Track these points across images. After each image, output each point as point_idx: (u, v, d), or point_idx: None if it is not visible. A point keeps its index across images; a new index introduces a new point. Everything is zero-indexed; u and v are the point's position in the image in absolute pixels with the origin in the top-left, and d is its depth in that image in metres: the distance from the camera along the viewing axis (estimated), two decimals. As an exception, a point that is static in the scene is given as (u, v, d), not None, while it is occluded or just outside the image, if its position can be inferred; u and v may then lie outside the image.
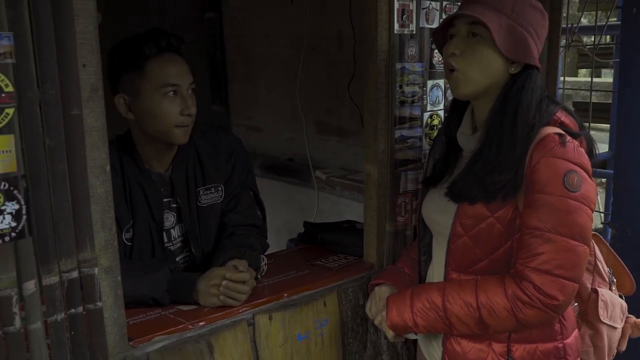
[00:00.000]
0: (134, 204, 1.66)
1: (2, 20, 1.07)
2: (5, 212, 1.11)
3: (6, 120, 1.09)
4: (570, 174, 1.34)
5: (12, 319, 1.14)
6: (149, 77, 1.57)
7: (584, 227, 1.35)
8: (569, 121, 1.45)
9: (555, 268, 1.32)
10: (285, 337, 1.55)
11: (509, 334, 1.45)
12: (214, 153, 1.78)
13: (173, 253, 1.75)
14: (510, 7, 1.38)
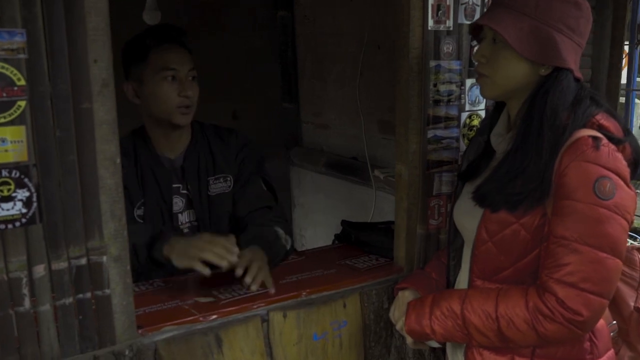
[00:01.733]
0: (145, 183, 1.79)
1: (15, 18, 1.14)
2: (16, 199, 1.18)
3: (18, 112, 1.16)
4: (602, 180, 1.25)
5: (22, 299, 1.22)
6: (151, 64, 1.74)
7: (616, 238, 1.25)
8: (611, 125, 1.35)
9: (580, 281, 1.24)
10: (299, 335, 1.54)
11: (533, 349, 1.37)
12: (224, 148, 1.89)
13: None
14: (533, 7, 1.31)
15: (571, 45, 1.33)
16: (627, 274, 1.52)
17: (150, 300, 1.52)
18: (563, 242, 1.26)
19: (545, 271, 1.28)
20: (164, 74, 1.74)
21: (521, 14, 1.31)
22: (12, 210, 1.18)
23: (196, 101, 1.81)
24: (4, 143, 1.16)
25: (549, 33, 1.30)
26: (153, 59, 1.75)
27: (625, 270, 1.52)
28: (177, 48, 1.79)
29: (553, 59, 1.31)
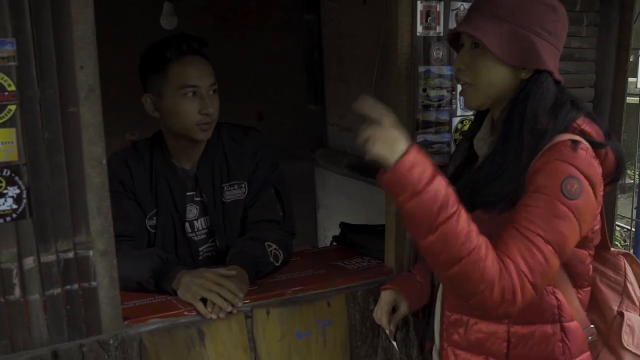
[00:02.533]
0: (158, 194, 1.82)
1: (6, 28, 1.24)
2: (7, 196, 1.29)
3: (8, 116, 1.27)
4: (571, 180, 1.25)
5: (13, 288, 1.32)
6: (170, 79, 1.72)
7: (566, 238, 1.25)
8: (592, 130, 1.36)
9: (526, 269, 1.22)
10: (283, 332, 1.60)
11: (507, 352, 1.39)
12: (239, 152, 1.89)
13: (196, 243, 1.88)
14: (510, 12, 1.33)
15: (550, 48, 1.34)
16: (612, 278, 1.53)
17: (141, 295, 1.61)
18: (521, 228, 1.25)
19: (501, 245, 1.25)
20: (184, 90, 1.72)
21: (499, 19, 1.33)
22: (3, 206, 1.29)
23: (217, 116, 1.80)
24: (-4, 144, 1.27)
25: (528, 37, 1.32)
26: (173, 73, 1.72)
27: (610, 274, 1.53)
28: (198, 60, 1.76)
29: (533, 62, 1.33)
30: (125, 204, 1.80)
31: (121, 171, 1.82)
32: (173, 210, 1.85)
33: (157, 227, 1.84)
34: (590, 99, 2.03)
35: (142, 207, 1.82)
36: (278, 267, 1.80)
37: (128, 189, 1.82)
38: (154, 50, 1.75)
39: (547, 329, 1.39)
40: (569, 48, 1.94)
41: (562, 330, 1.39)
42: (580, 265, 1.41)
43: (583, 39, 1.96)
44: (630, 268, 1.55)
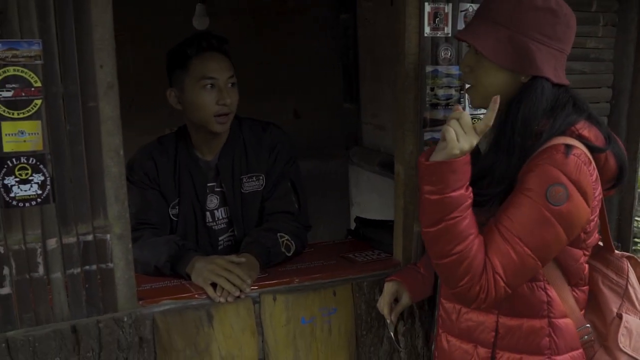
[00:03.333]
0: (181, 184, 1.95)
1: (33, 30, 1.38)
2: (32, 182, 1.43)
3: (35, 109, 1.41)
4: (557, 186, 1.31)
5: (37, 266, 1.46)
6: (191, 72, 1.86)
7: (547, 243, 1.32)
8: (591, 134, 1.40)
9: (499, 267, 1.32)
10: (288, 318, 1.70)
11: (494, 341, 1.46)
12: (258, 146, 2.00)
13: (216, 232, 2.00)
14: (508, 18, 1.38)
15: (549, 52, 1.39)
16: (614, 280, 1.56)
17: (159, 278, 1.73)
18: (500, 227, 1.33)
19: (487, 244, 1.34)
20: (203, 82, 1.85)
21: (498, 25, 1.39)
22: (29, 191, 1.43)
23: (235, 107, 1.92)
24: (23, 135, 1.41)
25: (525, 42, 1.37)
26: (193, 67, 1.86)
27: (612, 277, 1.56)
28: (217, 56, 1.89)
29: (527, 68, 1.38)
30: (149, 194, 1.94)
31: (147, 164, 1.96)
32: (195, 200, 1.97)
33: (179, 216, 1.97)
34: (608, 99, 2.05)
35: (165, 197, 1.95)
36: (289, 257, 1.90)
37: (153, 180, 1.95)
38: (177, 48, 1.89)
39: (535, 323, 1.44)
40: (585, 48, 1.96)
41: (550, 326, 1.44)
42: (574, 264, 1.45)
43: (600, 39, 1.98)
44: (634, 271, 1.58)
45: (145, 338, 1.57)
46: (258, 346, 1.69)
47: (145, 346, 1.57)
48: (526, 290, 1.43)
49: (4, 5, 1.34)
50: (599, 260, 1.56)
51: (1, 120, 1.38)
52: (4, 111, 1.38)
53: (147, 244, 1.78)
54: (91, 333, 1.51)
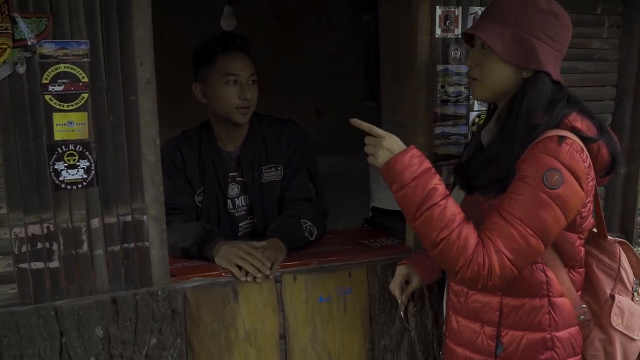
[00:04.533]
0: (205, 173, 2.13)
1: (82, 31, 1.56)
2: (79, 167, 1.61)
3: (82, 102, 1.59)
4: (553, 172, 1.45)
5: (82, 243, 1.65)
6: (217, 68, 2.05)
7: (547, 224, 1.45)
8: (584, 125, 1.53)
9: (503, 247, 1.45)
10: (307, 296, 1.86)
11: (499, 319, 1.59)
12: (277, 139, 2.20)
13: (237, 219, 2.18)
14: (514, 17, 1.52)
15: (550, 51, 1.53)
16: (607, 264, 1.69)
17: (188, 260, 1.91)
18: (502, 211, 1.47)
19: (485, 229, 1.48)
20: (227, 78, 2.05)
21: (505, 24, 1.53)
22: (76, 175, 1.61)
23: (255, 102, 2.11)
24: (71, 124, 1.59)
25: (529, 40, 1.51)
26: (218, 64, 2.06)
27: (605, 261, 1.69)
28: (241, 55, 2.09)
29: (532, 63, 1.52)
30: (177, 182, 2.12)
31: (174, 154, 2.14)
32: (217, 188, 2.16)
33: (204, 203, 2.16)
34: (612, 97, 2.18)
35: (191, 185, 2.14)
36: (312, 241, 2.07)
37: (180, 170, 2.14)
38: (204, 46, 2.09)
39: (536, 302, 1.58)
40: (589, 49, 2.09)
41: (549, 304, 1.58)
42: (570, 247, 1.59)
43: (604, 40, 2.10)
44: (625, 255, 1.71)
45: (177, 311, 1.74)
46: (279, 322, 1.86)
47: (177, 318, 1.74)
48: (526, 272, 1.56)
49: (57, 10, 1.52)
50: (593, 246, 1.70)
51: (53, 111, 1.57)
52: (55, 103, 1.56)
53: (177, 228, 1.96)
54: (129, 305, 1.69)
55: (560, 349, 1.58)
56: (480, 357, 1.63)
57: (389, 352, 1.98)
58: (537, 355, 1.57)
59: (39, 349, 1.62)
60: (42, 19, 1.52)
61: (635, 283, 1.70)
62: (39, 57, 1.53)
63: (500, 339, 1.60)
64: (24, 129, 1.55)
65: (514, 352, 1.59)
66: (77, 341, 1.64)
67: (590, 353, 1.65)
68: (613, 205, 2.25)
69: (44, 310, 1.61)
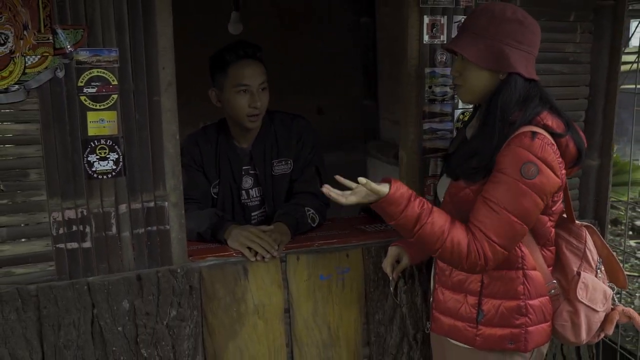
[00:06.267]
0: (221, 167, 2.36)
1: (112, 40, 1.81)
2: (109, 159, 1.86)
3: (112, 102, 1.84)
4: (529, 164, 1.69)
5: (111, 226, 1.89)
6: (229, 77, 2.26)
7: (528, 210, 1.70)
8: (553, 122, 1.77)
9: (493, 234, 1.70)
10: (309, 274, 2.11)
11: (480, 290, 1.83)
12: (287, 135, 2.42)
13: (250, 208, 2.42)
14: (485, 29, 1.76)
15: (520, 54, 1.76)
16: (575, 245, 1.93)
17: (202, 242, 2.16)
18: (488, 202, 1.71)
19: (473, 219, 1.73)
20: (238, 88, 2.23)
21: (478, 36, 1.77)
22: (106, 167, 1.86)
23: (265, 107, 2.31)
24: (103, 122, 1.84)
25: (500, 47, 1.75)
26: (231, 73, 2.23)
27: (573, 242, 1.94)
28: (252, 63, 2.26)
29: (504, 66, 1.76)
30: (195, 175, 2.37)
31: (192, 149, 2.38)
32: (232, 180, 2.39)
33: (219, 194, 2.39)
34: (586, 96, 2.42)
35: (208, 178, 2.38)
36: (314, 227, 2.31)
37: (197, 163, 2.38)
38: (218, 55, 2.30)
39: (512, 274, 1.82)
40: (564, 52, 2.34)
41: (524, 276, 1.82)
42: (542, 228, 1.83)
43: (577, 44, 2.35)
44: (591, 237, 1.95)
45: (194, 287, 1.99)
46: (284, 297, 2.10)
47: (194, 293, 1.99)
48: None
49: (91, 22, 1.77)
50: (563, 229, 1.94)
51: (87, 110, 1.82)
52: (89, 103, 1.81)
53: (192, 215, 2.20)
54: (152, 281, 1.93)
55: (533, 315, 1.82)
56: (464, 323, 1.86)
57: (383, 326, 2.23)
58: (513, 320, 1.82)
59: (74, 319, 1.86)
60: (78, 30, 1.76)
61: (598, 262, 1.95)
62: (75, 63, 1.78)
63: (481, 306, 1.83)
64: (62, 126, 1.80)
65: (492, 318, 1.82)
66: (106, 312, 1.89)
67: (559, 323, 1.89)
68: (587, 194, 2.49)
69: (78, 285, 1.86)
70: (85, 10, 1.77)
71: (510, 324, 1.82)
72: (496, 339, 1.83)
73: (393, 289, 2.12)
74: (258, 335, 2.08)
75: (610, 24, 2.35)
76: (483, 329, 1.84)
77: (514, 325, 1.82)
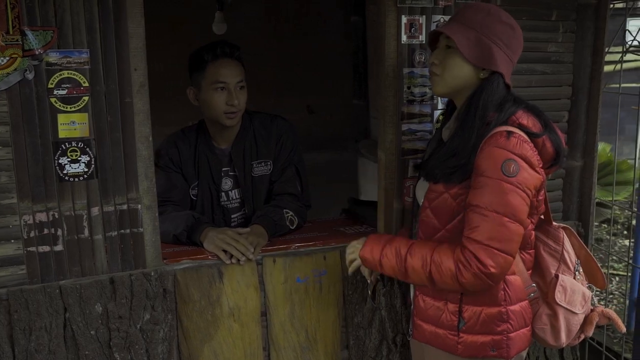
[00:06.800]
0: (200, 169, 2.35)
1: (83, 42, 1.80)
2: (81, 162, 1.85)
3: (83, 104, 1.83)
4: (508, 162, 1.67)
5: (83, 229, 1.88)
6: (207, 76, 2.26)
7: (517, 207, 1.67)
8: (529, 122, 1.75)
9: (487, 239, 1.66)
10: (286, 277, 2.10)
11: (461, 297, 1.81)
12: (266, 136, 2.41)
13: (229, 210, 2.41)
14: (479, 23, 1.75)
15: (504, 56, 1.75)
16: (553, 247, 1.92)
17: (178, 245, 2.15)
18: (476, 209, 1.69)
19: (464, 232, 1.72)
20: (215, 85, 2.25)
21: (469, 28, 1.76)
22: (78, 169, 1.85)
23: (243, 106, 2.31)
24: (74, 124, 1.83)
25: (489, 45, 1.74)
26: (208, 71, 2.25)
27: (551, 244, 1.92)
28: (230, 62, 2.27)
29: (489, 64, 1.74)
30: (173, 177, 2.36)
31: (172, 150, 2.38)
32: (211, 182, 2.39)
33: (198, 196, 2.38)
34: (568, 96, 2.40)
35: (186, 179, 2.37)
36: (292, 230, 2.30)
37: (176, 165, 2.37)
38: (196, 54, 2.30)
39: None
40: (546, 52, 2.32)
41: (504, 282, 1.79)
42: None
43: (559, 44, 2.33)
44: (569, 239, 1.94)
45: (168, 290, 1.98)
46: (260, 300, 2.09)
47: (168, 296, 1.98)
48: None
49: (61, 23, 1.76)
50: (540, 231, 1.93)
51: (58, 112, 1.81)
52: (60, 105, 1.80)
53: (169, 217, 2.20)
54: (125, 284, 1.92)
55: (514, 321, 1.80)
56: (445, 331, 1.84)
57: (361, 329, 2.22)
58: (494, 327, 1.79)
59: (46, 323, 1.85)
60: (48, 32, 1.75)
61: (576, 263, 1.93)
62: (45, 64, 1.77)
63: (462, 314, 1.81)
64: (33, 128, 1.79)
65: (474, 325, 1.80)
66: (79, 316, 1.88)
67: (539, 327, 1.87)
68: (571, 195, 2.48)
69: (49, 289, 1.85)
70: (54, 12, 1.76)
71: (491, 330, 1.80)
72: (478, 346, 1.81)
73: (371, 292, 2.10)
74: (234, 339, 2.07)
75: (592, 23, 2.34)
76: (464, 336, 1.81)
77: (495, 332, 1.80)
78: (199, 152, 2.38)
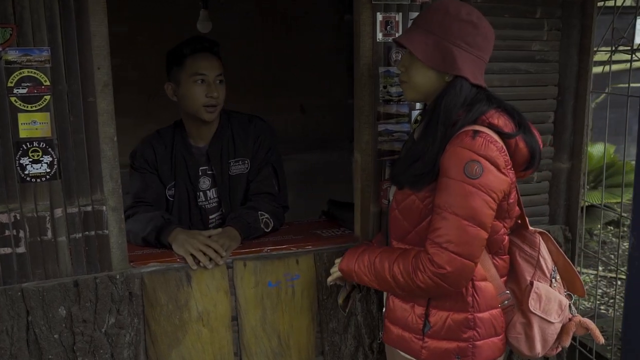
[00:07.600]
0: (176, 168, 2.33)
1: (43, 39, 1.77)
2: (43, 162, 1.82)
3: (45, 103, 1.80)
4: (471, 163, 1.62)
5: (46, 231, 1.85)
6: (185, 69, 2.25)
7: (478, 210, 1.62)
8: (500, 122, 1.70)
9: (445, 242, 1.63)
10: (257, 281, 2.05)
11: (428, 300, 1.77)
12: (244, 135, 2.38)
13: (207, 211, 2.38)
14: (437, 27, 1.70)
15: (469, 57, 1.70)
16: (528, 253, 1.86)
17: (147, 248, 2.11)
18: (438, 210, 1.65)
19: (429, 231, 1.68)
20: (194, 77, 2.24)
21: (428, 32, 1.71)
22: (40, 170, 1.82)
23: (222, 100, 2.31)
24: (35, 123, 1.80)
25: (449, 48, 1.68)
26: (187, 64, 2.25)
27: (527, 250, 1.87)
28: (209, 56, 2.29)
29: (450, 68, 1.70)
30: (148, 178, 2.33)
31: (147, 151, 2.35)
32: (188, 182, 2.35)
33: (175, 196, 2.35)
34: (554, 96, 2.33)
35: (162, 180, 2.33)
36: (267, 232, 2.25)
37: (151, 166, 2.34)
38: (175, 49, 2.29)
39: None
40: (530, 51, 2.26)
41: (472, 287, 1.75)
42: (494, 235, 1.76)
43: (544, 42, 2.26)
44: (545, 245, 1.88)
45: (135, 293, 1.94)
46: (231, 304, 2.05)
47: (134, 300, 1.94)
48: None
49: (20, 20, 1.73)
50: (516, 236, 1.87)
51: (18, 112, 1.78)
52: (20, 105, 1.77)
53: (139, 217, 2.17)
54: (89, 287, 1.89)
55: (481, 329, 1.75)
56: (410, 334, 1.80)
57: (337, 335, 2.17)
58: (460, 333, 1.75)
59: (7, 327, 1.83)
60: (6, 29, 1.72)
61: (553, 270, 1.87)
62: (4, 63, 1.74)
63: (428, 317, 1.77)
64: (-8, 128, 1.76)
65: (439, 330, 1.76)
66: (42, 319, 1.85)
67: (513, 335, 1.82)
68: (558, 199, 2.41)
69: (11, 291, 1.82)
70: (13, 9, 1.72)
71: (457, 337, 1.75)
72: (442, 352, 1.76)
73: (343, 300, 2.05)
74: (202, 344, 2.03)
75: (579, 21, 2.27)
76: (429, 341, 1.77)
77: (461, 339, 1.75)
78: (175, 152, 2.36)
